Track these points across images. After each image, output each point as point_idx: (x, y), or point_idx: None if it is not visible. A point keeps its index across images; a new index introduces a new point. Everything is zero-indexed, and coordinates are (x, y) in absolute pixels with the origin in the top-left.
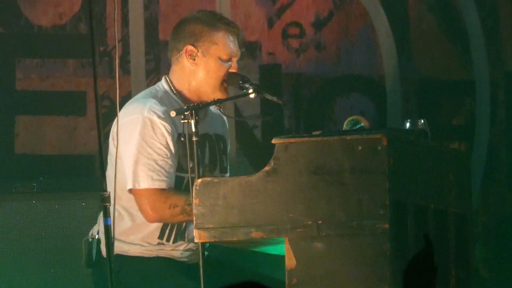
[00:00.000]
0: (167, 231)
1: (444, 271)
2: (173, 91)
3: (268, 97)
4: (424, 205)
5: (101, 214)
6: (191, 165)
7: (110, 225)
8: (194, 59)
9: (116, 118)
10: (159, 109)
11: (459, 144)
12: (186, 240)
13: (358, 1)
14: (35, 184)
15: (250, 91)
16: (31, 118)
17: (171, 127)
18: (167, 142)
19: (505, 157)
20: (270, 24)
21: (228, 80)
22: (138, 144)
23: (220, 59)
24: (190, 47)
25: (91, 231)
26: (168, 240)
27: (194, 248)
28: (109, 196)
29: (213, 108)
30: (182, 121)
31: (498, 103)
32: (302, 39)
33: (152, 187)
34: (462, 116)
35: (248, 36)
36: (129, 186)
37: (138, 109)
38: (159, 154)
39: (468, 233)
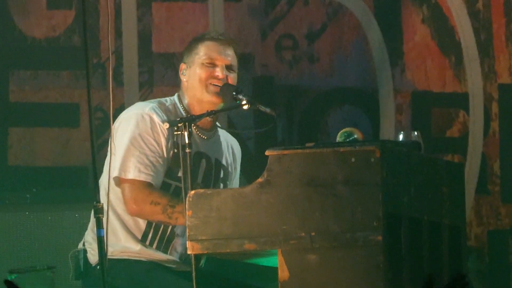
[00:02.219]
0: (150, 234)
1: (437, 283)
2: (182, 103)
3: (262, 108)
4: (418, 217)
5: (91, 223)
6: (179, 174)
7: (103, 236)
8: (184, 74)
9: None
10: (161, 112)
11: (453, 156)
12: (168, 252)
13: (351, 13)
14: (28, 196)
15: (244, 102)
16: (25, 130)
17: (167, 132)
18: (161, 142)
19: (499, 169)
20: (264, 36)
21: (222, 91)
22: (132, 136)
23: (202, 64)
24: (181, 65)
25: (80, 243)
26: (151, 244)
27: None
28: (102, 208)
29: (231, 139)
30: (175, 133)
31: (492, 115)
32: (295, 51)
33: (138, 178)
34: (456, 128)
35: (242, 48)
36: (116, 173)
37: (140, 106)
38: (151, 150)
39: (462, 245)
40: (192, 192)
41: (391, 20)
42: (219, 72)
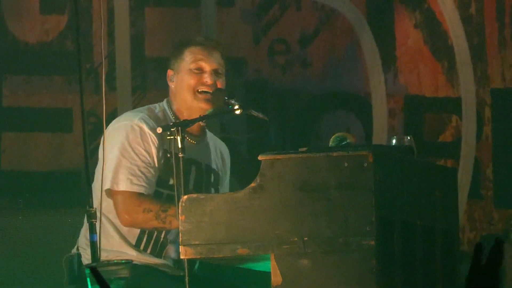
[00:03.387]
0: (144, 240)
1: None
2: (171, 109)
3: (254, 113)
4: (411, 222)
5: (83, 228)
6: (171, 183)
7: (96, 241)
8: (172, 80)
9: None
10: (150, 120)
11: (445, 161)
12: (162, 257)
13: (344, 17)
14: (21, 200)
15: (236, 107)
16: (18, 134)
17: (158, 141)
18: (152, 152)
19: (491, 174)
20: (256, 40)
21: (213, 96)
22: (123, 147)
23: (189, 70)
24: (168, 71)
25: (74, 248)
26: (145, 249)
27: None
28: (95, 212)
29: (219, 143)
30: (168, 138)
31: (485, 120)
32: (288, 55)
33: (130, 190)
34: (448, 133)
35: (234, 53)
36: (107, 186)
37: (129, 117)
38: (142, 161)
39: (455, 250)
40: (185, 197)
41: (383, 25)
42: (207, 78)
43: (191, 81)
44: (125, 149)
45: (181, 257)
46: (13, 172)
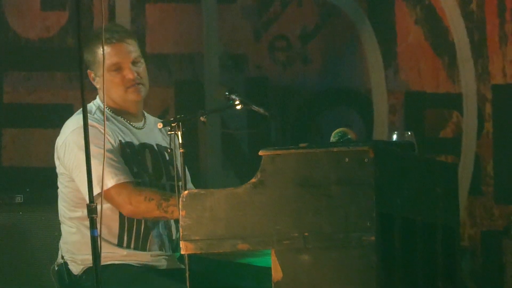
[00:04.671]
0: (125, 237)
1: (431, 284)
2: (108, 108)
3: (255, 108)
4: (411, 218)
5: (68, 233)
6: (135, 170)
7: (97, 236)
8: (96, 81)
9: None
10: (94, 118)
11: (446, 157)
12: (147, 249)
13: (345, 14)
14: (21, 196)
15: (237, 102)
16: (18, 130)
17: (111, 132)
18: (112, 143)
19: (492, 170)
20: (257, 37)
21: (216, 92)
22: (87, 152)
23: (108, 73)
24: (88, 72)
25: (58, 258)
26: (128, 246)
27: (166, 256)
28: (95, 208)
29: (152, 118)
30: (168, 133)
31: (485, 116)
32: (289, 52)
33: (120, 182)
34: (449, 129)
35: (235, 49)
36: (96, 191)
37: (75, 122)
38: (111, 153)
39: (455, 246)
40: (186, 192)
41: (384, 21)
42: (128, 74)
43: (115, 80)
44: (92, 150)
45: (182, 252)
46: (13, 168)
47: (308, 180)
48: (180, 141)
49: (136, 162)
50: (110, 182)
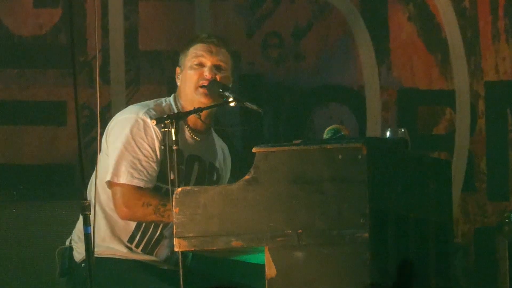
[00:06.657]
0: (137, 238)
1: (424, 281)
2: (176, 105)
3: (248, 105)
4: (404, 214)
5: (79, 221)
6: (171, 177)
7: (90, 233)
8: (179, 77)
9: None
10: (155, 114)
11: (439, 154)
12: (154, 254)
13: (338, 10)
14: (15, 193)
15: (230, 99)
16: (11, 128)
17: (162, 135)
18: (155, 146)
19: (485, 167)
20: (250, 33)
21: (208, 88)
22: (126, 141)
23: (190, 67)
24: (176, 69)
25: (67, 240)
26: (137, 247)
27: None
28: (89, 205)
29: (223, 144)
30: (162, 130)
31: (478, 113)
32: (282, 48)
33: (130, 183)
34: (442, 126)
35: None
36: (108, 178)
37: (135, 110)
38: (144, 155)
39: (448, 242)
40: (179, 189)
41: (377, 18)
42: (206, 72)
43: (192, 75)
44: (128, 143)
45: (175, 249)
46: (6, 165)
47: (302, 177)
48: (174, 138)
49: (178, 170)
50: (122, 178)
